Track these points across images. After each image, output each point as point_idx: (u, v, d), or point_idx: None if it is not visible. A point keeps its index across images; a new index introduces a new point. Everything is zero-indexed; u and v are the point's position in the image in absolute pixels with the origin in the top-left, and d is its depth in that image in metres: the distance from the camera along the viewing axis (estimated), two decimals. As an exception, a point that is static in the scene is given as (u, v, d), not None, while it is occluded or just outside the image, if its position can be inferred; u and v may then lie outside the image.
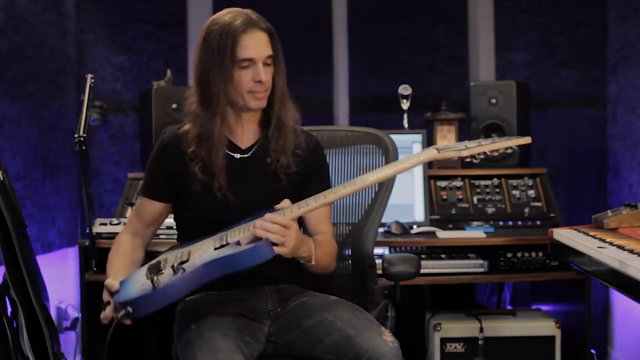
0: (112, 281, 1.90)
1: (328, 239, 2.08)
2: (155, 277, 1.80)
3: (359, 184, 1.89)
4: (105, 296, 1.90)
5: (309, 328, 1.96)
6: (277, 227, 1.81)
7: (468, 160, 1.88)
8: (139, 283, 1.85)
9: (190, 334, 1.92)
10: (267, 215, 1.83)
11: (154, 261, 1.93)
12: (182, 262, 1.84)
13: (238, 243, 1.82)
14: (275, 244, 1.81)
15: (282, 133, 2.05)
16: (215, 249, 1.84)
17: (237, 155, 2.06)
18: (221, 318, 1.96)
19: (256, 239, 1.81)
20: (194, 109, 2.04)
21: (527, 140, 1.91)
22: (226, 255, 1.79)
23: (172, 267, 1.81)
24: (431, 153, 1.88)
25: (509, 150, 1.89)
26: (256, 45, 1.97)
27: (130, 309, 1.79)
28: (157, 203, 2.11)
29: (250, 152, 2.07)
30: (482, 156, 1.87)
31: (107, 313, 1.88)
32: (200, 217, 2.02)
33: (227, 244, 1.84)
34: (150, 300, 1.79)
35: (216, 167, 2.00)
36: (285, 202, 1.89)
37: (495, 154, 1.88)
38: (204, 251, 1.87)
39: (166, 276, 1.81)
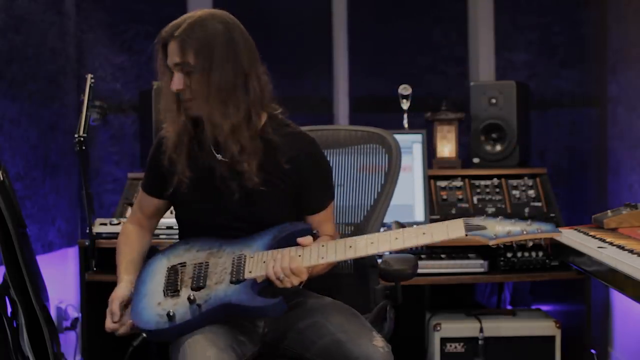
0: (119, 300, 1.95)
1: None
2: (171, 311, 1.84)
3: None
4: (115, 308, 1.95)
5: (302, 330, 1.95)
6: (289, 273, 1.85)
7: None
8: (155, 301, 1.90)
9: None
10: (286, 265, 1.85)
11: (171, 269, 1.95)
12: (199, 288, 1.88)
13: (255, 280, 1.87)
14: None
15: (230, 139, 1.92)
16: (232, 282, 1.88)
17: (219, 156, 2.00)
18: None
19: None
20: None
21: (557, 234, 1.88)
22: (241, 305, 1.85)
23: (189, 298, 1.85)
24: (459, 233, 1.85)
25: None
26: (169, 53, 1.95)
27: (145, 335, 1.89)
28: (154, 199, 2.11)
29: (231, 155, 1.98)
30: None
31: (114, 327, 1.95)
32: (189, 218, 2.04)
33: (244, 279, 1.88)
34: (165, 334, 1.88)
35: (179, 166, 1.98)
36: (308, 240, 1.90)
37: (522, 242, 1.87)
38: (221, 278, 1.89)
39: (182, 307, 1.86)
